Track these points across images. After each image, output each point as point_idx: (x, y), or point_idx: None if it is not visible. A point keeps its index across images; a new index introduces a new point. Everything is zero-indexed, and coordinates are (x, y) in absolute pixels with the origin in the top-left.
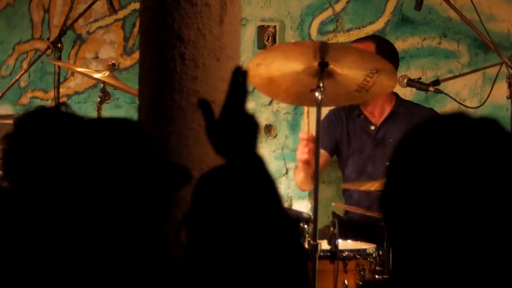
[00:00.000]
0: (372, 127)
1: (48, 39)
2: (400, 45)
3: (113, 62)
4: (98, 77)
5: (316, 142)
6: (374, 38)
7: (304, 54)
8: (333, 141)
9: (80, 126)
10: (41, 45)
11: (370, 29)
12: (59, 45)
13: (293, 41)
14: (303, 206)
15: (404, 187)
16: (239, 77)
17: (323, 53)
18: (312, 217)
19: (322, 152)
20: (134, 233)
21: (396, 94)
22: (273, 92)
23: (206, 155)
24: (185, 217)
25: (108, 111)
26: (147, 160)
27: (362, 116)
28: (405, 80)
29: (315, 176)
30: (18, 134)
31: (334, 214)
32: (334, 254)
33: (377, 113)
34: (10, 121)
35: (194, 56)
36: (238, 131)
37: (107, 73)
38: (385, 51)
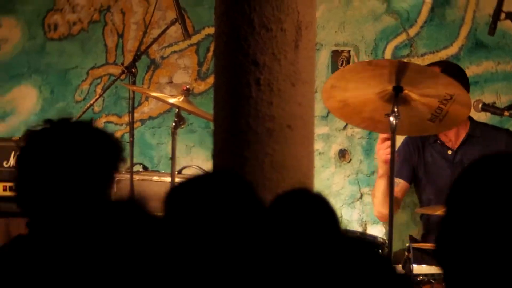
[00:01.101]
0: (449, 152)
1: (122, 64)
2: (474, 69)
3: (187, 87)
4: (173, 102)
5: (391, 168)
6: (441, 63)
7: (379, 75)
8: (411, 169)
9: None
10: (115, 70)
11: (444, 54)
12: (133, 70)
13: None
14: (377, 231)
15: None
16: None
17: (399, 74)
18: (386, 241)
19: (402, 182)
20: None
21: (470, 117)
22: (347, 116)
23: (283, 180)
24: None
25: (182, 136)
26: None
27: (438, 142)
28: (480, 105)
29: (390, 201)
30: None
31: (412, 238)
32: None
33: (453, 138)
34: None
35: (269, 81)
36: None
37: (182, 98)
38: (453, 76)
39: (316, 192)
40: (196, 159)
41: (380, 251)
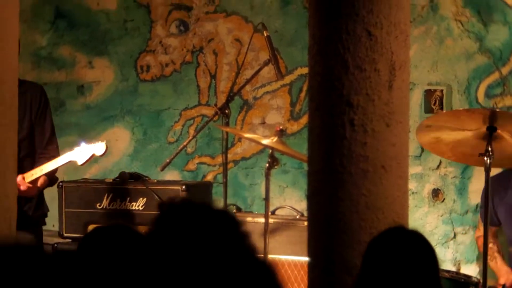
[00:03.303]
0: None
1: (215, 105)
2: None
3: (281, 127)
4: (266, 143)
5: (486, 203)
6: None
7: (474, 119)
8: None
9: None
10: (208, 111)
11: None
12: (226, 111)
13: (460, 107)
14: (471, 270)
15: None
16: None
17: (492, 119)
18: (481, 281)
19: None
20: None
21: None
22: (439, 151)
23: (377, 220)
24: (355, 283)
25: (275, 177)
26: None
27: None
28: None
29: (484, 241)
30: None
31: None
32: None
33: None
34: (178, 187)
35: (363, 121)
36: None
37: (275, 138)
38: None
39: (413, 230)
40: (290, 200)
41: None
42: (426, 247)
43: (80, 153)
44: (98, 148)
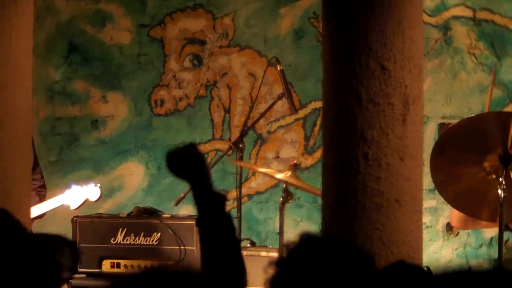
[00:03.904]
0: None
1: (229, 139)
2: None
3: (295, 161)
4: (281, 178)
5: (500, 236)
6: None
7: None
8: None
9: None
10: (221, 146)
11: None
12: (240, 145)
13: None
14: None
15: None
16: None
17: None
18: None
19: None
20: None
21: None
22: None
23: (392, 254)
24: None
25: (290, 211)
26: None
27: None
28: None
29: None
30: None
31: None
32: None
33: None
34: (192, 222)
35: (377, 156)
36: None
37: (289, 173)
38: None
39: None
40: None
41: None
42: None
43: (73, 196)
44: (91, 192)
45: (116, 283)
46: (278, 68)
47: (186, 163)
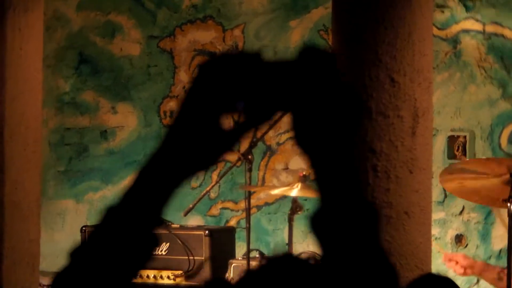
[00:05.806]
0: None
1: (238, 150)
2: None
3: (304, 173)
4: (293, 194)
5: (509, 248)
6: None
7: (497, 167)
8: None
9: None
10: (231, 157)
11: None
12: (249, 156)
13: (483, 154)
14: None
15: None
16: None
17: None
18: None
19: None
20: None
21: None
22: (463, 193)
23: (400, 266)
24: None
25: (298, 222)
26: None
27: None
28: None
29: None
30: None
31: None
32: None
33: None
34: (201, 232)
35: (387, 168)
36: None
37: (299, 185)
38: None
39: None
40: (313, 245)
41: None
42: None
43: None
44: None
45: None
46: None
47: None
